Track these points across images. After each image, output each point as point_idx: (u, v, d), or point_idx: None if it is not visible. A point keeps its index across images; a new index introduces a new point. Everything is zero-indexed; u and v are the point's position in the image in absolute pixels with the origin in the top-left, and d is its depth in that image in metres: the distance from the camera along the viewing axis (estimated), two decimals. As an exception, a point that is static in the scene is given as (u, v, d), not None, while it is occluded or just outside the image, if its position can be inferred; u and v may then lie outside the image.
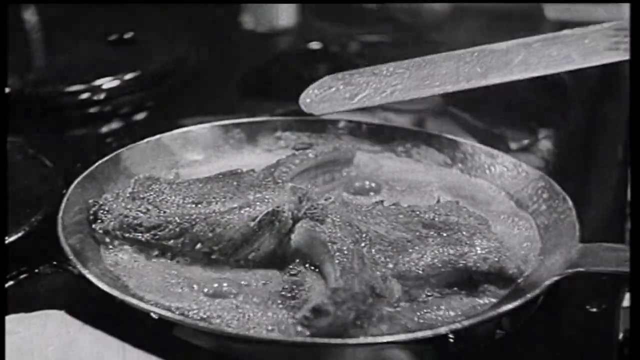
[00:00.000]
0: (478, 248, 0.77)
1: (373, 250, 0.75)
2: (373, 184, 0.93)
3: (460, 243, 0.78)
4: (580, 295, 0.80)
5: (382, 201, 0.85)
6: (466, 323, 0.70)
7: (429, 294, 0.75)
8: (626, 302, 0.78)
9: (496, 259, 0.76)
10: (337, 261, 0.73)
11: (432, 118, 1.13)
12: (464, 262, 0.76)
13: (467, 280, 0.76)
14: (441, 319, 0.73)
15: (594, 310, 0.79)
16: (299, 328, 0.69)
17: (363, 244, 0.76)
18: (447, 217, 0.81)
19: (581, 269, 0.73)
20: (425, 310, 0.73)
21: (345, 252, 0.74)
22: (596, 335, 0.77)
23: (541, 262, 0.79)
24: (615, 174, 0.99)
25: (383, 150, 0.98)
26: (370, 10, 1.49)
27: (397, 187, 0.92)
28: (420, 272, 0.75)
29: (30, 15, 1.31)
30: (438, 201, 0.86)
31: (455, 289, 0.76)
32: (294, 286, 0.76)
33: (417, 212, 0.82)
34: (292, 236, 0.79)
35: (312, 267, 0.77)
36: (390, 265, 0.74)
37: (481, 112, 1.11)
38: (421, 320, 0.72)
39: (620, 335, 0.75)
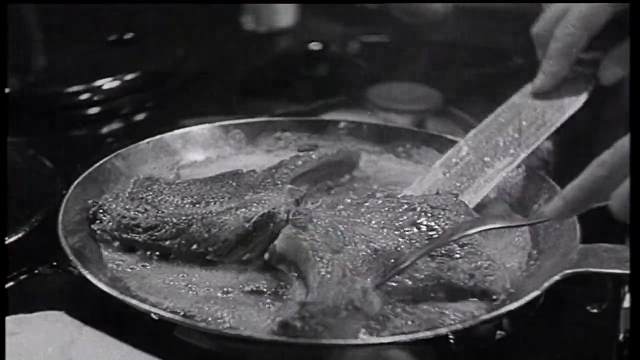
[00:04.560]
0: (466, 264, 0.75)
1: (358, 259, 0.74)
2: (373, 185, 0.93)
3: (450, 256, 0.76)
4: (581, 296, 0.79)
5: (373, 193, 0.84)
6: (466, 324, 0.70)
7: (415, 304, 0.73)
8: (626, 302, 0.78)
9: (482, 277, 0.75)
10: (316, 271, 0.72)
11: (432, 118, 1.13)
12: (449, 276, 0.75)
13: (454, 293, 0.74)
14: (439, 318, 0.72)
15: (594, 310, 0.79)
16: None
17: (347, 249, 0.74)
18: (444, 212, 0.80)
19: (581, 270, 0.73)
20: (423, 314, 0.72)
21: (325, 261, 0.73)
22: (596, 336, 0.77)
23: (541, 263, 0.79)
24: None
25: (383, 151, 0.98)
26: (370, 10, 1.49)
27: (398, 188, 0.92)
28: (410, 283, 0.74)
29: (30, 15, 1.31)
30: (437, 193, 0.85)
31: (442, 297, 0.74)
32: (279, 291, 0.75)
33: (412, 207, 0.81)
34: (276, 242, 0.78)
35: (296, 274, 0.76)
36: (375, 276, 0.73)
37: (481, 112, 1.11)
38: (421, 321, 0.72)
39: (621, 336, 0.75)
